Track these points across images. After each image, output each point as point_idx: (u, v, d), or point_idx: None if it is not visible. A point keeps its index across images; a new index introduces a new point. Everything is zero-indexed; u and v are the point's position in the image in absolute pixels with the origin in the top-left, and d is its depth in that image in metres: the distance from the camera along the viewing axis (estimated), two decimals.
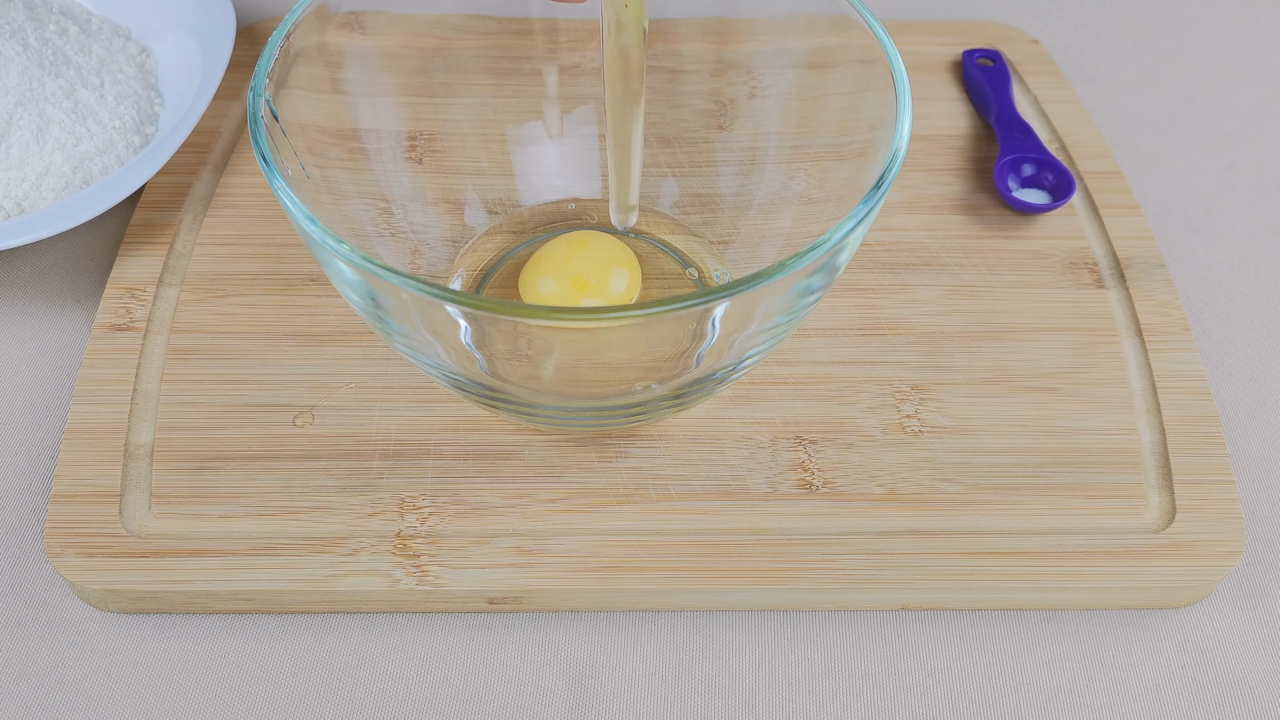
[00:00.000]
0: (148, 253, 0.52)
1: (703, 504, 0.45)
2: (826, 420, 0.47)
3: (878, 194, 0.38)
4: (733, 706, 0.42)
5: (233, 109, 0.58)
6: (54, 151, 0.53)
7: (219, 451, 0.46)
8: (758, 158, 0.51)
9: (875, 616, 0.44)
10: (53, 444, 0.48)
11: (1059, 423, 0.47)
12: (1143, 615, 0.45)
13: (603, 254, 0.49)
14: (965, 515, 0.45)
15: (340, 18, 0.46)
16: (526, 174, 0.53)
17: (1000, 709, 0.42)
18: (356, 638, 0.43)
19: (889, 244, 0.53)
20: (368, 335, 0.49)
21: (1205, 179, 0.59)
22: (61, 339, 0.51)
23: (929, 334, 0.50)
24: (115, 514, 0.44)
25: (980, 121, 0.59)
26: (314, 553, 0.43)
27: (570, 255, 0.48)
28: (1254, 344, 0.52)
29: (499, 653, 0.43)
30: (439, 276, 0.50)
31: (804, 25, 0.47)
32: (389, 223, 0.49)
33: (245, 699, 0.42)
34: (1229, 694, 0.43)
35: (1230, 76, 0.64)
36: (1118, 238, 0.53)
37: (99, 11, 0.60)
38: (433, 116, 0.51)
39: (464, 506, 0.45)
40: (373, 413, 0.47)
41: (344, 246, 0.37)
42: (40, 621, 0.44)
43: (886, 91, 0.41)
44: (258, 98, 0.40)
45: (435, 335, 0.40)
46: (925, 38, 0.63)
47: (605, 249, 0.49)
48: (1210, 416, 0.47)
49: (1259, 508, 0.47)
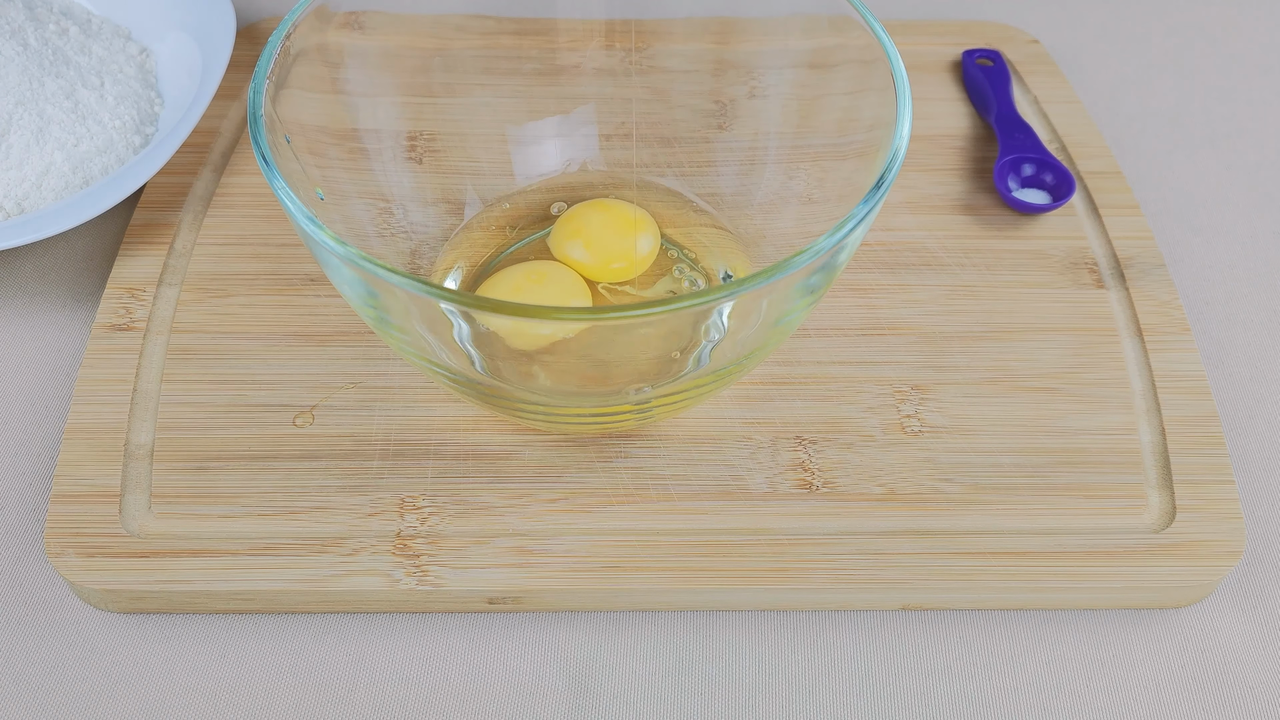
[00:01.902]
0: (148, 253, 0.52)
1: (703, 504, 0.45)
2: (826, 420, 0.47)
3: (878, 194, 0.38)
4: (733, 706, 0.42)
5: (233, 109, 0.58)
6: (54, 151, 0.53)
7: (219, 451, 0.46)
8: (758, 158, 0.51)
9: (875, 616, 0.44)
10: (53, 444, 0.48)
11: (1059, 423, 0.47)
12: (1143, 615, 0.44)
13: (625, 221, 0.50)
14: (965, 515, 0.45)
15: (340, 18, 0.46)
16: (526, 174, 0.53)
17: (1000, 709, 0.42)
18: (356, 638, 0.43)
19: (889, 244, 0.53)
20: (368, 335, 0.49)
21: (1205, 179, 0.59)
22: (61, 339, 0.51)
23: (929, 334, 0.50)
24: (115, 514, 0.44)
25: (980, 121, 0.59)
26: (314, 553, 0.43)
27: (599, 222, 0.50)
28: (1254, 344, 0.52)
29: (499, 653, 0.43)
30: (438, 276, 0.50)
31: (804, 25, 0.47)
32: (389, 223, 0.49)
33: (245, 699, 0.42)
34: (1229, 694, 0.43)
35: (1230, 76, 0.64)
36: (1118, 238, 0.53)
37: (99, 12, 0.60)
38: (433, 116, 0.51)
39: (464, 506, 0.45)
40: (373, 413, 0.47)
41: (344, 247, 0.37)
42: (40, 621, 0.44)
43: (886, 91, 0.41)
44: (258, 97, 0.40)
45: (433, 334, 0.40)
46: (925, 38, 0.63)
47: (628, 217, 0.50)
48: (1210, 416, 0.47)
49: (1259, 508, 0.47)
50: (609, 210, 0.50)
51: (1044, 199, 0.55)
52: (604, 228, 0.49)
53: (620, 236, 0.49)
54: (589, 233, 0.49)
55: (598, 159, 0.53)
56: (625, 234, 0.49)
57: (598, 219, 0.50)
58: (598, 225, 0.49)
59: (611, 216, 0.50)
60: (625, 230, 0.49)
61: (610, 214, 0.50)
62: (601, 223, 0.49)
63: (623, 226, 0.49)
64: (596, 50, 0.52)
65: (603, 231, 0.49)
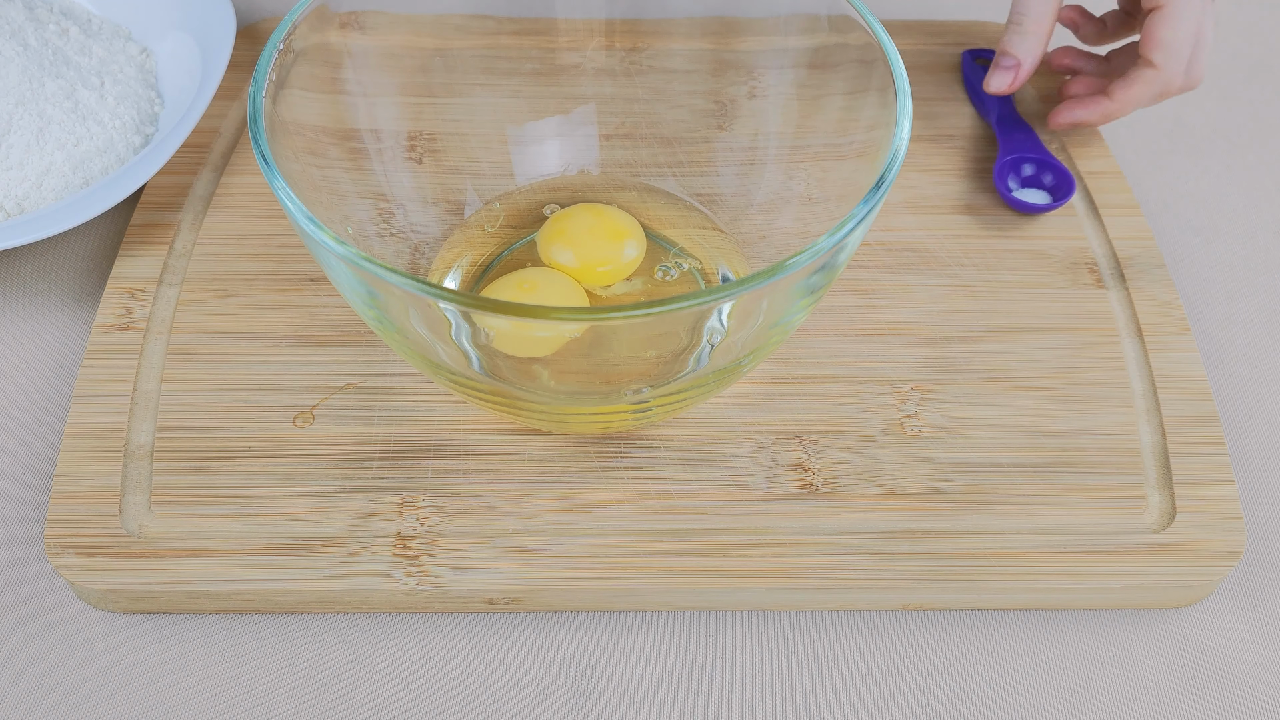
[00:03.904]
0: (148, 253, 0.52)
1: (703, 504, 0.45)
2: (826, 420, 0.47)
3: (878, 194, 0.38)
4: (733, 706, 0.42)
5: (233, 109, 0.58)
6: (54, 151, 0.53)
7: (219, 451, 0.46)
8: (758, 158, 0.51)
9: (875, 616, 0.44)
10: (53, 444, 0.48)
11: (1059, 423, 0.47)
12: (1143, 615, 0.44)
13: (614, 226, 0.50)
14: (965, 515, 0.45)
15: (340, 18, 0.46)
16: (526, 173, 0.53)
17: (1000, 709, 0.42)
18: (356, 638, 0.43)
19: (889, 244, 0.53)
20: (368, 335, 0.49)
21: (1205, 179, 0.59)
22: (61, 339, 0.51)
23: (929, 334, 0.50)
24: (115, 514, 0.44)
25: (980, 121, 0.59)
26: (314, 553, 0.43)
27: (587, 227, 0.50)
28: (1254, 344, 0.52)
29: (499, 653, 0.43)
30: (437, 276, 0.50)
31: (804, 25, 0.47)
32: (389, 223, 0.49)
33: (245, 699, 0.42)
34: (1229, 694, 0.43)
35: (1230, 76, 0.64)
36: (1118, 238, 0.53)
37: (99, 12, 0.60)
38: (433, 116, 0.51)
39: (464, 506, 0.45)
40: (373, 413, 0.47)
41: (344, 247, 0.37)
42: (40, 621, 0.44)
43: (886, 91, 0.41)
44: (258, 97, 0.40)
45: (433, 334, 0.40)
46: (925, 38, 0.63)
47: (615, 221, 0.50)
48: (1210, 416, 0.47)
49: (1259, 508, 0.47)
50: (594, 215, 0.50)
51: (1044, 199, 0.55)
52: (589, 232, 0.49)
53: (605, 240, 0.49)
54: (574, 237, 0.49)
55: (597, 159, 0.53)
56: (610, 238, 0.49)
57: (583, 223, 0.50)
58: (583, 230, 0.49)
59: (597, 221, 0.50)
60: (610, 234, 0.49)
61: (596, 218, 0.50)
62: (587, 227, 0.49)
63: (608, 230, 0.49)
64: (596, 50, 0.52)
65: (588, 236, 0.49)
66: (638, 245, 0.49)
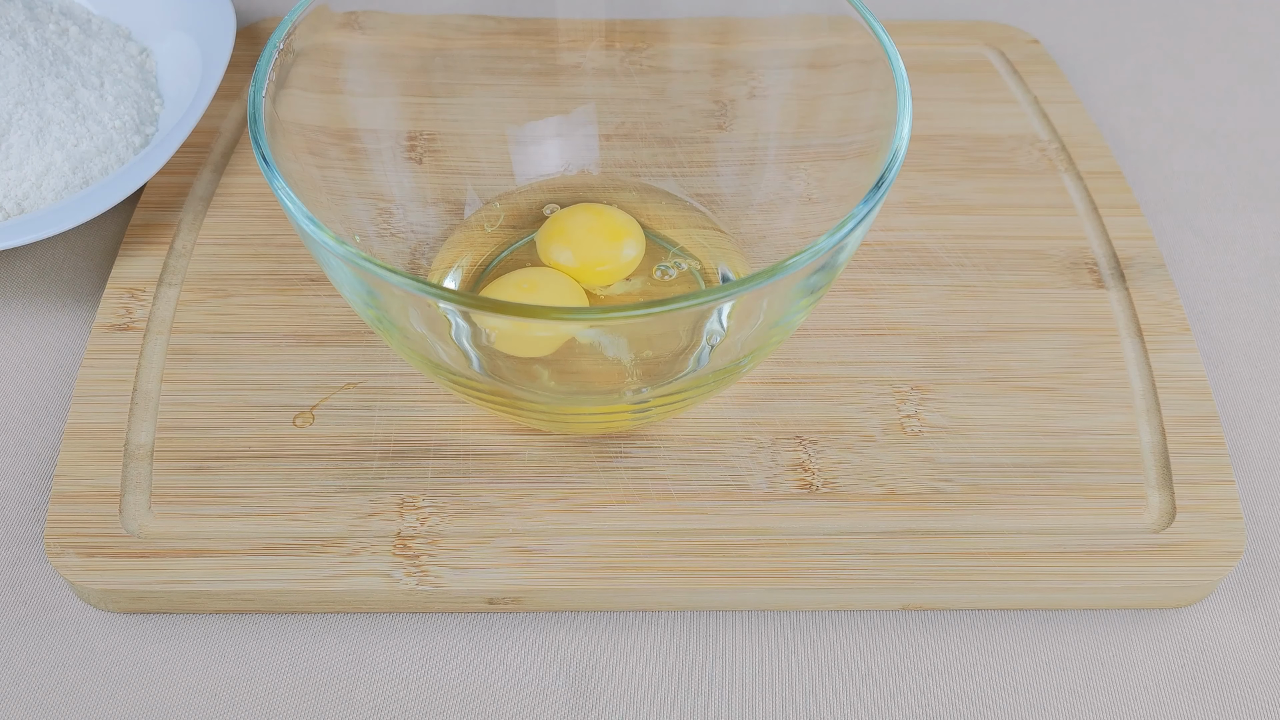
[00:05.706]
0: (148, 253, 0.52)
1: (703, 504, 0.45)
2: (826, 420, 0.47)
3: (878, 194, 0.38)
4: (733, 706, 0.42)
5: (233, 109, 0.58)
6: (54, 151, 0.53)
7: (219, 451, 0.46)
8: (758, 158, 0.51)
9: (875, 616, 0.44)
10: (53, 444, 0.48)
11: (1059, 423, 0.47)
12: (1143, 615, 0.45)
13: (613, 226, 0.50)
14: (965, 515, 0.45)
15: (340, 18, 0.46)
16: (526, 173, 0.53)
17: (1000, 709, 0.42)
18: (356, 638, 0.43)
19: (889, 244, 0.53)
20: (368, 335, 0.49)
21: (1205, 179, 0.59)
22: (61, 339, 0.51)
23: (929, 334, 0.50)
24: (115, 514, 0.44)
25: (980, 121, 0.59)
26: (314, 553, 0.43)
27: (586, 227, 0.49)
28: (1254, 344, 0.52)
29: (499, 653, 0.43)
30: (437, 276, 0.50)
31: (804, 25, 0.47)
32: (389, 223, 0.49)
33: (245, 699, 0.42)
34: (1229, 694, 0.43)
35: (1230, 76, 0.64)
36: (1118, 238, 0.53)
37: (99, 12, 0.60)
38: (433, 116, 0.51)
39: (464, 506, 0.45)
40: (373, 413, 0.47)
41: (344, 247, 0.37)
42: (40, 621, 0.44)
43: (886, 91, 0.41)
44: (258, 97, 0.40)
45: (432, 334, 0.40)
46: (925, 38, 0.63)
47: (614, 221, 0.50)
48: (1210, 416, 0.47)
49: (1259, 508, 0.47)
50: (593, 215, 0.50)
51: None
52: (588, 232, 0.49)
53: (605, 240, 0.49)
54: (574, 237, 0.49)
55: (597, 159, 0.53)
56: (610, 238, 0.49)
57: (582, 223, 0.50)
58: (583, 230, 0.49)
59: (596, 221, 0.50)
60: (610, 234, 0.49)
61: (595, 218, 0.50)
62: (586, 227, 0.49)
63: (607, 230, 0.49)
64: (596, 50, 0.52)
65: (587, 236, 0.49)
66: (637, 245, 0.49)
